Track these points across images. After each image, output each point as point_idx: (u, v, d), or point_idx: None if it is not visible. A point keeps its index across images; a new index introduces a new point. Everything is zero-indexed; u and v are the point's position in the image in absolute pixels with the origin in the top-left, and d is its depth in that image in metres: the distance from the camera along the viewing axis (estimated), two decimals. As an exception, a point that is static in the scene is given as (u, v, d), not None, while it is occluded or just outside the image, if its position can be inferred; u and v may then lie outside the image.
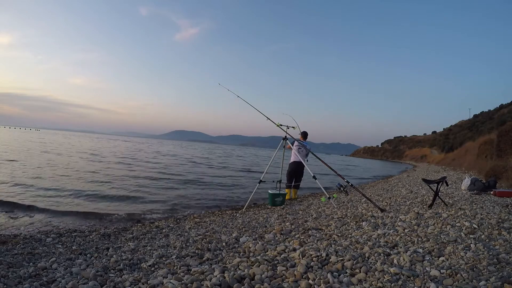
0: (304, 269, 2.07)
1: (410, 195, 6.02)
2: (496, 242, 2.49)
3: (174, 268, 2.42)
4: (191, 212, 6.01)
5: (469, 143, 25.97)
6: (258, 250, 2.77)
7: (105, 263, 2.62)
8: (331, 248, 2.59)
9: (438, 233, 2.81)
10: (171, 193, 7.91)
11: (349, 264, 2.12)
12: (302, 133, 7.13)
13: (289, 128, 6.36)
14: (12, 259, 2.76)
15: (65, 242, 3.51)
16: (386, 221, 3.52)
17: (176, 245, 3.30)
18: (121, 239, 3.72)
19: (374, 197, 6.34)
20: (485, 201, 4.56)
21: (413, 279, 1.89)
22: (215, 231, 3.95)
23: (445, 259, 2.19)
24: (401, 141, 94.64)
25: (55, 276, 2.31)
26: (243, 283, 1.93)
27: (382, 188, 8.87)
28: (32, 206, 5.44)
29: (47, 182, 7.98)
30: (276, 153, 6.28)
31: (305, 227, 3.67)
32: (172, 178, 10.90)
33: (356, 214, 4.20)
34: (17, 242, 3.40)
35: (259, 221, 4.50)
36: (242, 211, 5.64)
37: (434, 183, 4.42)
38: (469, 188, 6.03)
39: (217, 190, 8.90)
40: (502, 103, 54.36)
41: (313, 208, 5.46)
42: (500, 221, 3.07)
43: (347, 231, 3.26)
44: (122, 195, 7.13)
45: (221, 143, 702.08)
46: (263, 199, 7.22)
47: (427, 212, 3.69)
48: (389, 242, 2.66)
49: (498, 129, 13.08)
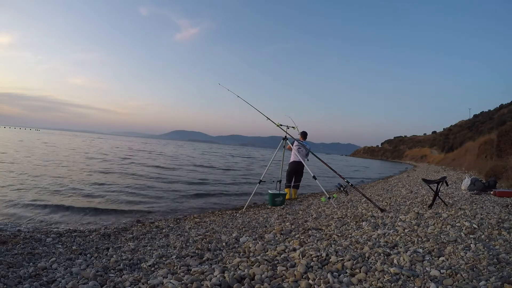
0: (304, 269, 2.07)
1: (410, 195, 6.02)
2: (496, 242, 2.49)
3: (174, 268, 2.42)
4: (191, 212, 6.02)
5: (469, 143, 25.97)
6: (258, 250, 2.77)
7: (105, 263, 2.62)
8: (331, 248, 2.59)
9: (438, 233, 2.81)
10: (171, 193, 7.90)
11: (349, 264, 2.13)
12: (301, 133, 7.15)
13: (289, 128, 6.36)
14: (12, 259, 2.76)
15: (65, 242, 3.51)
16: (386, 221, 3.52)
17: (176, 245, 3.30)
18: (121, 239, 3.72)
19: (374, 197, 6.34)
20: (485, 201, 4.56)
21: (413, 279, 1.89)
22: (215, 231, 3.95)
23: (445, 259, 2.19)
24: (401, 141, 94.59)
25: (55, 276, 2.31)
26: (243, 283, 1.93)
27: (382, 188, 8.87)
28: (33, 206, 5.45)
29: (47, 182, 7.98)
30: (276, 153, 6.28)
31: (305, 227, 3.67)
32: (172, 178, 10.89)
33: (356, 214, 4.20)
34: (17, 242, 3.40)
35: (259, 221, 4.50)
36: (242, 211, 5.64)
37: (434, 183, 4.42)
38: (469, 188, 6.03)
39: (217, 190, 8.89)
40: (502, 103, 54.36)
41: (313, 208, 5.46)
42: (500, 221, 3.07)
43: (347, 231, 3.26)
44: (122, 195, 7.14)
45: (221, 143, 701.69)
46: (263, 199, 7.23)
47: (427, 212, 3.69)
48: (389, 242, 2.67)
49: (498, 129, 13.08)
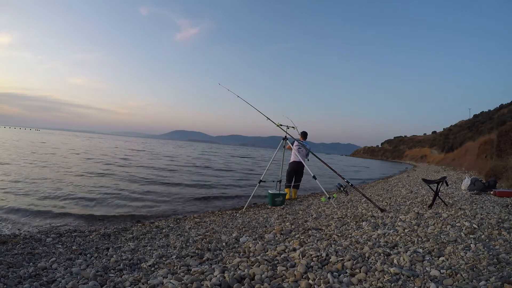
0: (304, 269, 2.07)
1: (410, 195, 6.02)
2: (496, 242, 2.49)
3: (174, 268, 2.42)
4: (191, 212, 6.02)
5: (469, 143, 25.96)
6: (258, 250, 2.77)
7: (105, 263, 2.62)
8: (331, 248, 2.59)
9: (438, 233, 2.81)
10: (171, 193, 7.90)
11: (349, 264, 2.13)
12: (301, 133, 7.16)
13: (289, 128, 6.36)
14: (12, 259, 2.76)
15: (65, 242, 3.51)
16: (386, 221, 3.52)
17: (176, 245, 3.30)
18: (121, 239, 3.72)
19: (374, 197, 6.34)
20: (485, 201, 4.56)
21: (413, 279, 1.89)
22: (215, 231, 3.95)
23: (445, 259, 2.19)
24: (401, 141, 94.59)
25: (55, 276, 2.31)
26: (243, 283, 1.93)
27: (382, 188, 8.87)
28: (32, 206, 5.44)
29: (47, 182, 7.98)
30: (276, 153, 6.28)
31: (305, 227, 3.67)
32: (172, 178, 10.90)
33: (356, 214, 4.20)
34: (17, 242, 3.40)
35: (259, 221, 4.50)
36: (242, 211, 5.64)
37: (434, 183, 4.42)
38: (469, 188, 6.03)
39: (217, 190, 8.90)
40: (502, 103, 54.35)
41: (313, 208, 5.46)
42: (500, 221, 3.07)
43: (347, 231, 3.26)
44: (122, 195, 7.13)
45: (221, 143, 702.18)
46: (263, 199, 7.23)
47: (427, 212, 3.69)
48: (389, 242, 2.67)
49: (498, 129, 13.08)
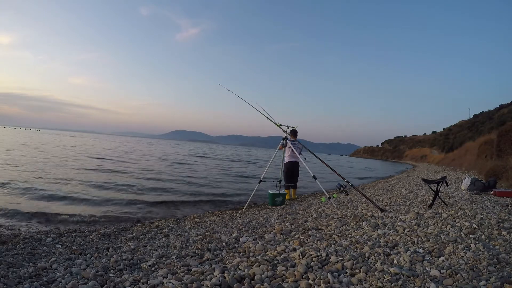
0: (304, 269, 2.07)
1: (410, 195, 6.01)
2: (496, 242, 2.50)
3: (174, 268, 2.42)
4: (191, 212, 6.02)
5: (469, 143, 25.95)
6: (258, 250, 2.77)
7: (105, 263, 2.62)
8: (331, 248, 2.59)
9: (438, 233, 2.81)
10: (171, 193, 7.90)
11: (349, 264, 2.13)
12: (291, 131, 6.76)
13: (289, 128, 6.37)
14: (12, 259, 2.76)
15: (65, 242, 3.50)
16: (386, 221, 3.52)
17: (176, 245, 3.30)
18: (121, 239, 3.72)
19: (374, 197, 6.34)
20: (485, 201, 4.56)
21: (413, 279, 1.89)
22: (215, 231, 3.95)
23: (445, 259, 2.19)
24: (401, 141, 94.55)
25: (55, 276, 2.31)
26: (243, 283, 1.93)
27: (382, 188, 8.86)
28: (32, 206, 5.44)
29: (47, 182, 7.97)
30: (276, 153, 6.28)
31: (305, 227, 3.67)
32: (172, 178, 10.89)
33: (356, 214, 4.20)
34: (17, 242, 3.40)
35: (259, 221, 4.50)
36: (242, 211, 5.64)
37: (434, 183, 4.42)
38: (469, 188, 6.03)
39: (217, 190, 8.89)
40: (502, 103, 54.37)
41: (313, 208, 5.46)
42: (500, 221, 3.07)
43: (347, 231, 3.26)
44: (122, 195, 7.13)
45: (221, 143, 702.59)
46: (263, 199, 7.23)
47: (427, 212, 3.69)
48: (389, 242, 2.67)
49: (498, 129, 13.08)
